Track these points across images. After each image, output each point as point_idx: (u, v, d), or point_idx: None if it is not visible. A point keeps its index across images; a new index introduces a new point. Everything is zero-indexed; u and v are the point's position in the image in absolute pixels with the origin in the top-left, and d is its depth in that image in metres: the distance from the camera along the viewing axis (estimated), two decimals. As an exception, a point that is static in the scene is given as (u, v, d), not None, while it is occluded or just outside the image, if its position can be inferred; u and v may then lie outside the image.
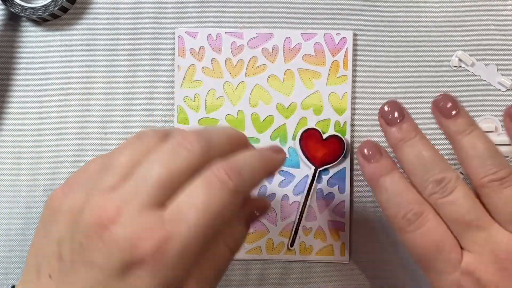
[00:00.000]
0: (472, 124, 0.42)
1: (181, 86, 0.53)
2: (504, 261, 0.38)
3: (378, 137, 0.53)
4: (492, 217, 0.40)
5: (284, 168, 0.53)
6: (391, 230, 0.54)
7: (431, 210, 0.41)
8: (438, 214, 0.40)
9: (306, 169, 0.53)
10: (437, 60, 0.53)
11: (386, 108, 0.44)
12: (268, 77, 0.53)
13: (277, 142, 0.53)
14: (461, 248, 0.40)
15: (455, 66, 0.53)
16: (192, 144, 0.34)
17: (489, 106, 0.53)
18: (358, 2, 0.53)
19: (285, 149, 0.53)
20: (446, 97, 0.42)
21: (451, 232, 0.40)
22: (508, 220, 0.39)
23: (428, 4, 0.53)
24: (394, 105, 0.44)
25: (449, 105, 0.42)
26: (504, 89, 0.53)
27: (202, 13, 0.53)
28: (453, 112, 0.42)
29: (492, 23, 0.53)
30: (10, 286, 0.46)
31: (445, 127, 0.43)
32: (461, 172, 0.52)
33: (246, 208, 0.39)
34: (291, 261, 0.54)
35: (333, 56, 0.53)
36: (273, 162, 0.39)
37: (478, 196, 0.41)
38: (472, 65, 0.53)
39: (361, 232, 0.54)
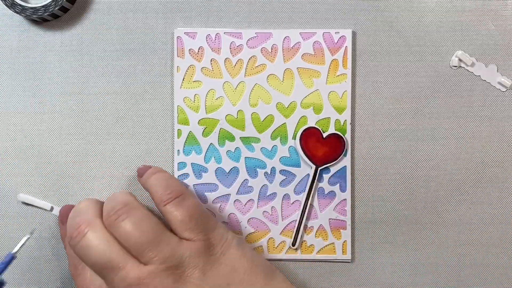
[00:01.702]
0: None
1: (180, 87, 0.53)
2: None
3: (379, 135, 0.53)
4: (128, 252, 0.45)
5: (285, 167, 0.53)
6: (393, 228, 0.54)
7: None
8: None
9: (307, 168, 0.53)
10: (437, 60, 0.53)
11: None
12: (268, 76, 0.53)
13: (277, 142, 0.53)
14: None
15: (455, 66, 0.53)
16: None
17: (489, 106, 0.53)
18: (357, 1, 0.53)
19: (286, 148, 0.53)
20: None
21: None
22: (135, 252, 0.44)
23: (428, 4, 0.53)
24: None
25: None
26: (504, 89, 0.53)
27: (201, 13, 0.53)
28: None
29: (492, 23, 0.53)
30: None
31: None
32: None
33: None
34: (292, 260, 0.54)
35: (332, 55, 0.53)
36: None
37: None
38: (472, 65, 0.53)
39: (363, 230, 0.54)
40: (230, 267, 0.46)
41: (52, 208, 0.53)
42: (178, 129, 0.53)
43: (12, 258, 0.50)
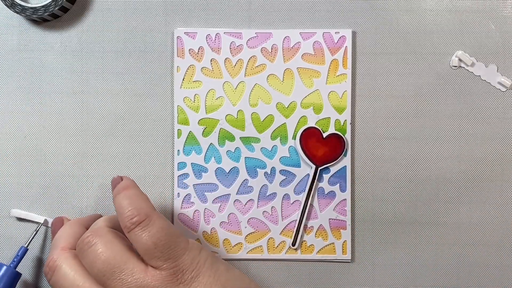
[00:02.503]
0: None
1: (180, 87, 0.53)
2: None
3: (379, 135, 0.53)
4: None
5: (285, 167, 0.53)
6: (393, 228, 0.54)
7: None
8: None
9: (306, 168, 0.53)
10: (437, 60, 0.53)
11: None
12: (268, 76, 0.53)
13: (277, 142, 0.53)
14: None
15: (455, 66, 0.53)
16: None
17: (489, 106, 0.53)
18: (357, 1, 0.53)
19: (286, 148, 0.53)
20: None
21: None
22: (98, 281, 0.44)
23: (428, 4, 0.53)
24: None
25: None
26: (504, 89, 0.53)
27: (201, 13, 0.53)
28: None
29: (492, 23, 0.53)
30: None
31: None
32: None
33: None
34: (292, 260, 0.54)
35: (332, 54, 0.53)
36: None
37: None
38: (472, 65, 0.53)
39: (363, 230, 0.54)
40: None
41: (46, 222, 0.53)
42: (178, 129, 0.53)
43: (25, 251, 0.51)
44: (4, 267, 0.50)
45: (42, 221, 0.53)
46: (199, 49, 0.53)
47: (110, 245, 0.44)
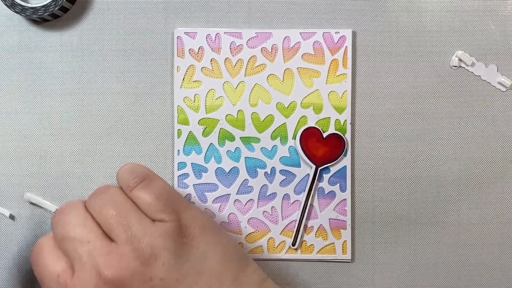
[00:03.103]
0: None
1: (180, 87, 0.53)
2: None
3: (379, 135, 0.53)
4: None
5: (285, 167, 0.53)
6: (393, 228, 0.54)
7: None
8: None
9: (306, 168, 0.53)
10: (437, 60, 0.53)
11: None
12: (268, 76, 0.53)
13: (277, 141, 0.53)
14: None
15: (455, 66, 0.53)
16: None
17: (489, 106, 0.53)
18: (357, 1, 0.53)
19: (286, 148, 0.53)
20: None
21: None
22: (107, 232, 0.43)
23: (428, 4, 0.53)
24: None
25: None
26: (504, 89, 0.53)
27: (201, 13, 0.53)
28: None
29: (492, 23, 0.53)
30: None
31: None
32: None
33: None
34: (293, 260, 0.54)
35: (332, 54, 0.53)
36: None
37: None
38: (472, 65, 0.53)
39: (363, 230, 0.54)
40: (201, 252, 0.43)
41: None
42: (178, 129, 0.53)
43: None
44: None
45: (53, 210, 0.53)
46: (199, 49, 0.53)
47: (119, 196, 0.44)
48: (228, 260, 0.44)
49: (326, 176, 0.53)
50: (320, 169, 0.53)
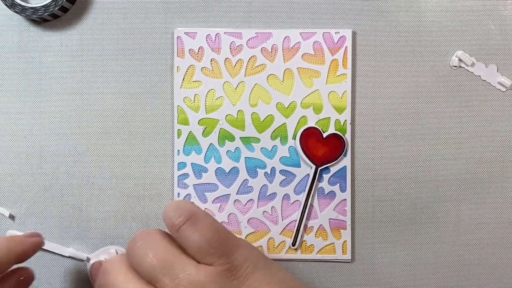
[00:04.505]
0: None
1: (180, 87, 0.53)
2: None
3: (379, 135, 0.53)
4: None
5: (285, 167, 0.53)
6: (393, 228, 0.54)
7: None
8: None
9: (306, 168, 0.53)
10: (437, 60, 0.53)
11: None
12: (268, 76, 0.53)
13: (277, 142, 0.53)
14: None
15: (455, 66, 0.53)
16: None
17: (489, 106, 0.53)
18: (357, 1, 0.53)
19: (286, 148, 0.53)
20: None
21: None
22: (148, 279, 0.42)
23: (428, 4, 0.53)
24: None
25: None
26: (504, 89, 0.53)
27: (201, 13, 0.53)
28: None
29: (492, 23, 0.53)
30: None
31: None
32: None
33: (7, 281, 0.46)
34: (292, 260, 0.54)
35: (332, 55, 0.53)
36: (24, 246, 0.46)
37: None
38: (472, 65, 0.53)
39: (363, 230, 0.54)
40: None
41: (88, 259, 0.53)
42: (178, 129, 0.53)
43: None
44: None
45: (84, 258, 0.53)
46: (199, 49, 0.53)
47: (159, 241, 0.43)
48: None
49: (326, 176, 0.53)
50: (320, 169, 0.53)
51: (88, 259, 0.53)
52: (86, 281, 0.54)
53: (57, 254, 0.54)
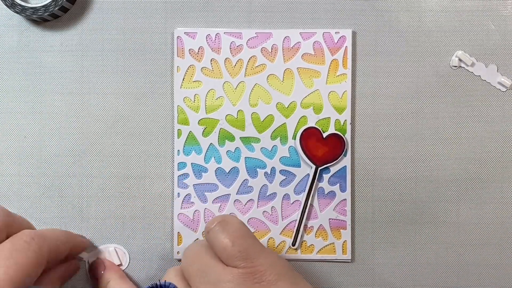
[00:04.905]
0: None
1: (180, 87, 0.53)
2: None
3: (379, 135, 0.53)
4: None
5: (285, 167, 0.53)
6: (393, 228, 0.54)
7: None
8: None
9: (306, 168, 0.53)
10: (437, 60, 0.53)
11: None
12: (268, 76, 0.53)
13: (277, 142, 0.53)
14: None
15: (455, 66, 0.53)
16: None
17: (489, 106, 0.53)
18: (357, 1, 0.53)
19: (286, 148, 0.53)
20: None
21: None
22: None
23: (428, 4, 0.53)
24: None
25: None
26: (504, 89, 0.53)
27: (201, 13, 0.53)
28: None
29: (492, 23, 0.53)
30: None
31: None
32: None
33: (55, 271, 0.48)
34: (293, 260, 0.54)
35: (332, 55, 0.53)
36: (76, 241, 0.50)
37: None
38: (472, 65, 0.53)
39: (363, 230, 0.54)
40: None
41: (89, 254, 0.54)
42: (178, 129, 0.53)
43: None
44: None
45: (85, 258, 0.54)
46: (199, 49, 0.53)
47: (196, 246, 0.46)
48: None
49: (326, 176, 0.53)
50: (320, 169, 0.53)
51: (88, 254, 0.53)
52: (85, 280, 0.54)
53: None
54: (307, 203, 0.53)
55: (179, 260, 0.53)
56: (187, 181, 0.53)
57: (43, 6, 0.51)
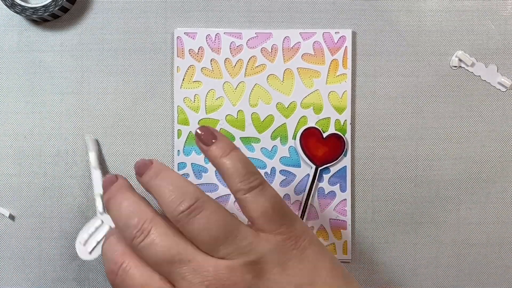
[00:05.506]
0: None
1: (180, 87, 0.53)
2: None
3: (379, 135, 0.53)
4: (197, 247, 0.40)
5: (285, 167, 0.53)
6: (393, 228, 0.54)
7: (132, 259, 0.41)
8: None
9: (307, 168, 0.53)
10: (437, 60, 0.53)
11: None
12: (268, 76, 0.53)
13: (277, 142, 0.53)
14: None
15: (455, 66, 0.53)
16: None
17: (489, 106, 0.53)
18: (357, 1, 0.53)
19: (286, 148, 0.53)
20: (205, 129, 0.44)
21: (160, 274, 0.40)
22: (208, 247, 0.40)
23: (428, 4, 0.53)
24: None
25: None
26: (504, 89, 0.53)
27: (201, 13, 0.53)
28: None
29: (492, 23, 0.53)
30: None
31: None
32: None
33: None
34: (292, 260, 0.54)
35: (332, 55, 0.53)
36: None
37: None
38: (472, 65, 0.53)
39: (363, 230, 0.54)
40: (312, 264, 0.42)
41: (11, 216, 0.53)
42: (178, 129, 0.53)
43: None
44: None
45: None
46: (199, 49, 0.53)
47: (219, 210, 0.41)
48: (337, 275, 0.43)
49: (326, 176, 0.53)
50: (320, 169, 0.53)
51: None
52: (83, 280, 0.54)
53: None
54: (307, 203, 0.53)
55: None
56: (187, 181, 0.53)
57: (43, 6, 0.51)
